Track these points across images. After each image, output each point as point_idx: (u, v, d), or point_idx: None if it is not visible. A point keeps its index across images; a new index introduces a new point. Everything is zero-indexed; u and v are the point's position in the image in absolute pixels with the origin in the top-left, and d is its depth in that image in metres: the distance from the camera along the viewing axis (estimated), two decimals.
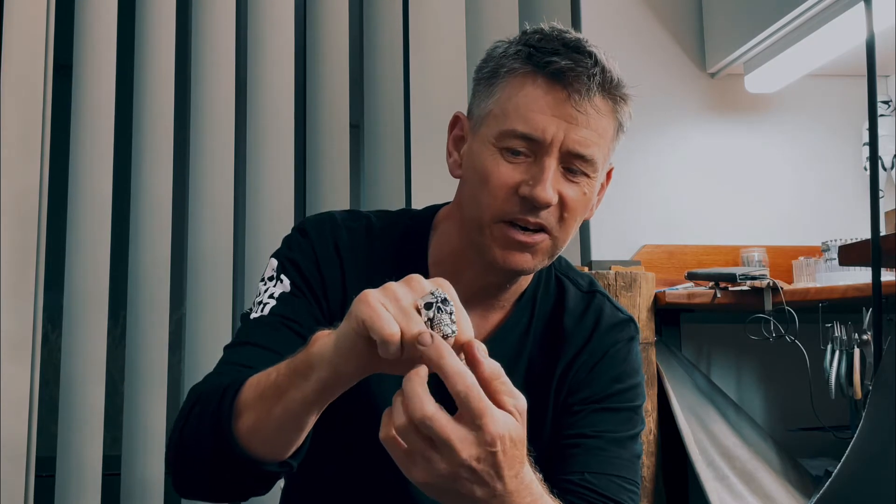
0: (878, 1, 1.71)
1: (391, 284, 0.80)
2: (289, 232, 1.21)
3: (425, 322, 0.77)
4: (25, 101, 2.01)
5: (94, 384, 2.00)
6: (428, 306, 0.78)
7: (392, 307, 0.77)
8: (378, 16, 2.30)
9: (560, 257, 1.19)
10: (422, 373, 0.76)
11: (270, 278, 1.14)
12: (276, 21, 2.21)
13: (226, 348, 1.11)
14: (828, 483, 1.50)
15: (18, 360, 1.93)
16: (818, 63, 2.34)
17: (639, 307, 2.08)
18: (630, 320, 1.23)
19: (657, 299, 2.13)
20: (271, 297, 1.12)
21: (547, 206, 1.06)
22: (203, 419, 0.94)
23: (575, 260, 2.32)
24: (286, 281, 1.13)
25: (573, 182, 1.08)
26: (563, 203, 1.07)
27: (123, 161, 2.14)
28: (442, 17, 2.30)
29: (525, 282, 1.19)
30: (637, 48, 2.52)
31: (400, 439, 0.77)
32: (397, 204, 2.22)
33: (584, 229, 2.43)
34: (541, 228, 1.08)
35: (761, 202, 2.53)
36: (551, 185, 1.05)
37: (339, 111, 2.24)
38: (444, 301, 0.78)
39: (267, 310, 1.10)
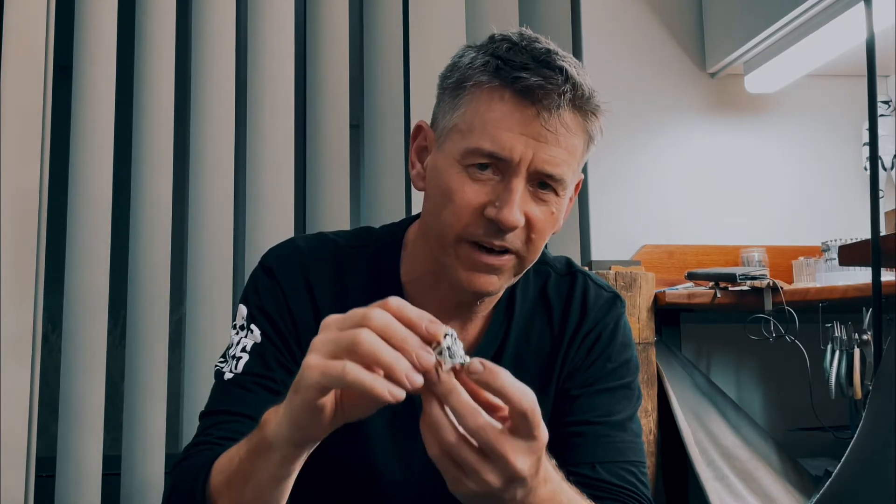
0: (878, 1, 1.71)
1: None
2: (287, 234, 1.20)
3: (439, 353, 0.75)
4: (25, 101, 2.01)
5: (94, 384, 2.00)
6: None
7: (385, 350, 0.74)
8: (378, 16, 2.30)
9: None
10: (460, 388, 0.75)
11: (242, 327, 1.12)
12: (276, 21, 2.20)
13: (202, 415, 1.10)
14: (828, 483, 1.50)
15: (18, 360, 1.92)
16: (818, 63, 2.34)
17: (639, 307, 2.08)
18: (616, 296, 1.22)
19: (657, 299, 2.13)
20: (244, 350, 1.10)
21: (514, 229, 1.01)
22: None
23: (574, 260, 2.32)
24: (256, 331, 1.11)
25: (541, 201, 1.03)
26: (529, 224, 1.03)
27: (123, 161, 2.14)
28: (442, 17, 2.30)
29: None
30: (637, 48, 2.52)
31: (452, 453, 0.76)
32: (398, 204, 2.22)
33: (584, 229, 2.43)
34: (506, 250, 1.03)
35: (761, 202, 2.53)
36: (518, 208, 1.00)
37: (339, 111, 2.24)
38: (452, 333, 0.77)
39: (240, 366, 1.08)
